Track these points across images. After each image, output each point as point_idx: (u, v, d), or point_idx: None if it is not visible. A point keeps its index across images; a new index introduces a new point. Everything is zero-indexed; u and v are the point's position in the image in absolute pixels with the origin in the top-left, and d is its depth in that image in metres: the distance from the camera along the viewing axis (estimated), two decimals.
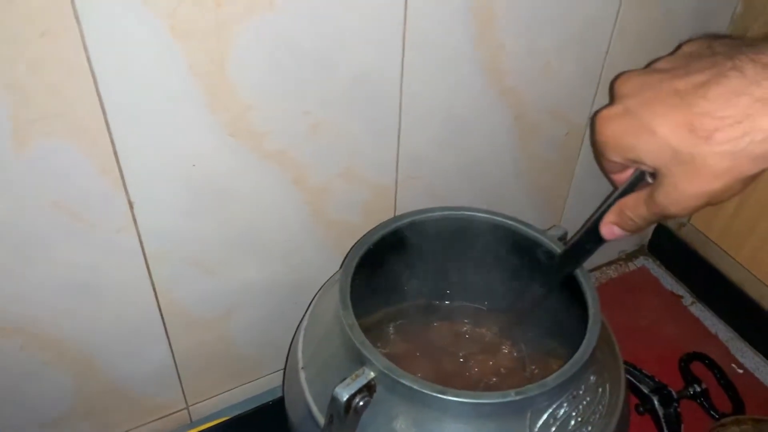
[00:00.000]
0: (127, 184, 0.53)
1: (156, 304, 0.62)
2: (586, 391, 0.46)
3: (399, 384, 0.43)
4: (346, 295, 0.49)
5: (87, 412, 0.66)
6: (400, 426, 0.44)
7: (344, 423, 0.43)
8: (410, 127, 0.64)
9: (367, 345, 0.45)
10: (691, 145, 0.36)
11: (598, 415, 0.47)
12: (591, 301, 0.50)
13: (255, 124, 0.55)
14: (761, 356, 0.87)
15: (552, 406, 0.45)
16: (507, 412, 0.44)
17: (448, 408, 0.43)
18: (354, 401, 0.43)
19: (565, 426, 0.45)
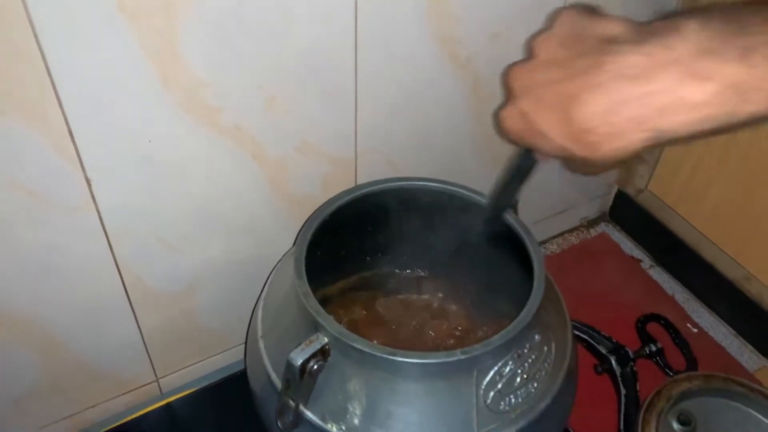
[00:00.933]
0: (84, 161, 0.53)
1: (120, 281, 0.63)
2: (531, 350, 0.48)
3: (351, 348, 0.45)
4: (301, 265, 0.50)
5: (57, 388, 0.68)
6: (353, 387, 0.46)
7: (300, 386, 0.45)
8: (367, 99, 0.65)
9: (321, 312, 0.47)
10: (582, 150, 0.39)
11: (544, 372, 0.49)
12: (536, 264, 0.52)
13: (209, 99, 0.56)
14: (716, 316, 0.90)
15: (497, 364, 0.47)
16: (454, 371, 0.46)
17: (398, 369, 0.45)
18: (308, 365, 0.44)
19: (511, 383, 0.47)
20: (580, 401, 0.75)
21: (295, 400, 0.46)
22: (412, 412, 0.46)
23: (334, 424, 0.47)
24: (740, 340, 0.87)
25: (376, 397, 0.46)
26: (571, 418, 0.74)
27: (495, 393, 0.46)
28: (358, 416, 0.46)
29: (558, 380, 0.50)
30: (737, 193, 0.83)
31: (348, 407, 0.46)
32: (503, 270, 0.60)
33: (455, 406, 0.46)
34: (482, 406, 0.46)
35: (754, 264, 0.84)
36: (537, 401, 0.48)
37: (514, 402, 0.47)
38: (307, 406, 0.47)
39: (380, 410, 0.46)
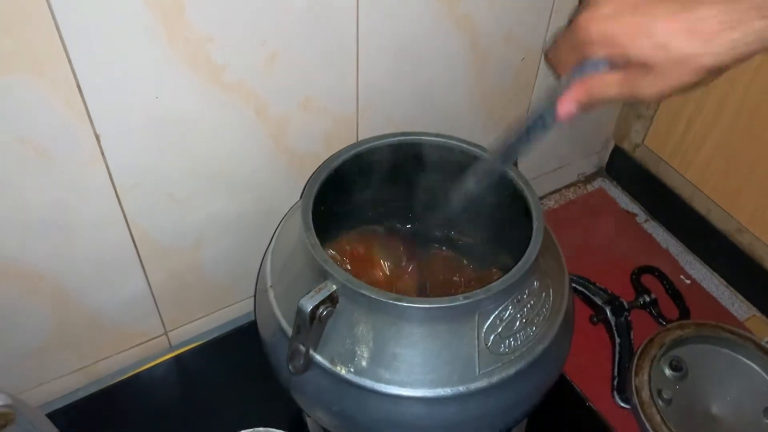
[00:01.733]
0: (93, 117, 0.54)
1: (129, 236, 0.65)
2: (530, 296, 0.51)
3: (358, 294, 0.47)
4: (308, 217, 0.52)
5: (69, 341, 0.70)
6: (360, 332, 0.48)
7: (310, 332, 0.47)
8: (368, 56, 0.66)
9: (329, 261, 0.48)
10: (688, 47, 0.39)
11: (542, 317, 0.51)
12: (535, 214, 0.53)
13: (214, 56, 0.56)
14: (708, 267, 0.92)
15: (498, 309, 0.49)
16: (457, 315, 0.48)
17: (403, 313, 0.47)
18: (318, 311, 0.46)
19: (510, 326, 0.49)
20: (576, 350, 0.78)
21: (305, 345, 0.48)
22: (416, 354, 0.48)
23: (343, 366, 0.49)
24: (731, 290, 0.90)
25: (382, 340, 0.48)
26: (567, 367, 0.76)
27: (495, 336, 0.49)
28: (365, 358, 0.48)
29: (555, 325, 0.53)
30: (730, 147, 0.85)
31: (356, 350, 0.48)
32: (503, 223, 0.61)
33: (457, 348, 0.48)
34: (483, 349, 0.48)
35: (746, 216, 0.86)
36: (535, 344, 0.51)
37: (513, 344, 0.49)
38: (316, 351, 0.49)
39: (386, 352, 0.48)
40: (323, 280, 0.48)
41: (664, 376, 0.77)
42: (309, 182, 0.55)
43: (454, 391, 0.48)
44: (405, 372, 0.48)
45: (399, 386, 0.48)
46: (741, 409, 0.75)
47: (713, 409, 0.75)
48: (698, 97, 0.86)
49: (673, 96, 0.43)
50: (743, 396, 0.76)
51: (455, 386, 0.48)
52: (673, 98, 0.89)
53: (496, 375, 0.49)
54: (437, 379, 0.48)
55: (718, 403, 0.75)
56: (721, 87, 0.82)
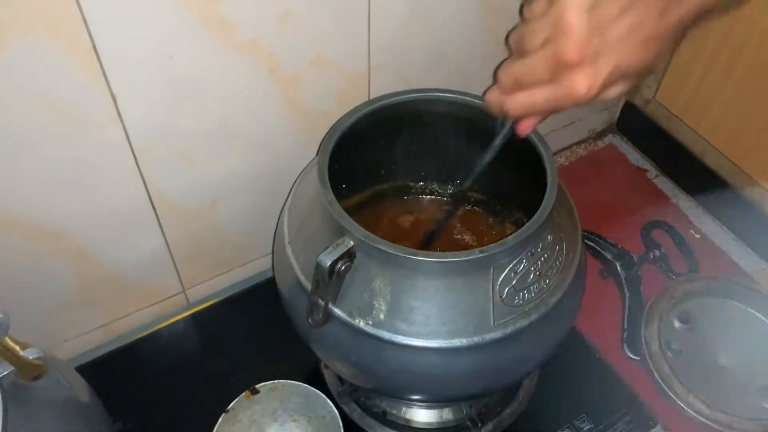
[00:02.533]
0: (109, 78, 0.55)
1: (147, 196, 0.66)
2: (543, 249, 0.51)
3: (375, 249, 0.48)
4: (324, 175, 0.52)
5: (90, 299, 0.71)
6: (377, 285, 0.50)
7: (329, 286, 0.48)
8: (380, 13, 0.65)
9: (346, 217, 0.49)
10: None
11: (555, 270, 0.52)
12: (549, 170, 0.54)
13: (226, 14, 0.56)
14: (718, 222, 0.93)
15: (512, 262, 0.50)
16: (472, 268, 0.49)
17: (419, 267, 0.48)
18: (336, 266, 0.47)
19: (524, 279, 0.50)
20: (587, 304, 0.79)
21: (324, 299, 0.49)
22: (432, 306, 0.49)
23: (361, 319, 0.50)
24: (741, 244, 0.91)
25: (399, 293, 0.49)
26: (579, 320, 0.78)
27: (510, 288, 0.50)
28: (383, 311, 0.50)
29: (568, 277, 0.54)
30: (742, 102, 0.84)
31: (373, 303, 0.50)
32: (517, 180, 0.62)
33: (472, 300, 0.49)
34: (498, 301, 0.49)
35: (757, 170, 0.86)
36: (549, 296, 0.52)
37: (527, 297, 0.50)
38: (335, 304, 0.51)
39: (403, 305, 0.49)
40: (340, 236, 0.49)
41: (673, 329, 0.78)
42: (324, 140, 0.55)
43: (470, 342, 0.49)
44: (421, 324, 0.49)
45: (416, 337, 0.49)
46: (749, 359, 0.76)
47: (721, 359, 0.76)
48: (710, 52, 0.85)
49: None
50: (752, 347, 0.77)
51: (470, 337, 0.49)
52: (685, 53, 0.89)
53: (510, 326, 0.50)
54: (453, 330, 0.49)
55: (726, 353, 0.76)
56: (733, 42, 0.82)
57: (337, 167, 0.57)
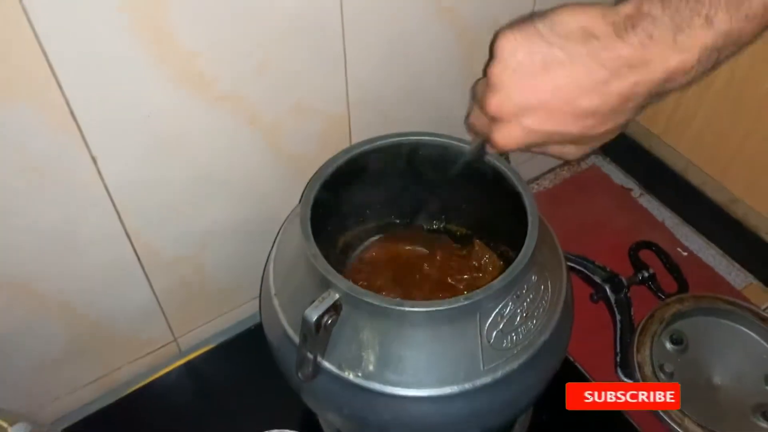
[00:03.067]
0: (88, 140, 0.55)
1: (132, 250, 0.66)
2: (529, 290, 0.52)
3: (361, 301, 0.48)
4: (307, 227, 0.52)
5: (79, 354, 0.71)
6: (366, 337, 0.50)
7: (316, 340, 0.48)
8: (356, 55, 0.66)
9: (331, 271, 0.49)
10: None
11: (542, 309, 0.52)
12: (530, 210, 0.54)
13: (203, 71, 0.57)
14: (704, 238, 0.94)
15: (498, 306, 0.50)
16: (459, 315, 0.49)
17: (407, 318, 0.48)
18: (323, 320, 0.47)
19: (512, 322, 0.50)
20: (578, 329, 0.79)
21: (312, 353, 0.49)
22: (421, 355, 0.49)
23: (351, 371, 0.50)
24: (728, 259, 0.91)
25: (387, 344, 0.49)
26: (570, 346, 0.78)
27: (497, 332, 0.50)
28: (372, 363, 0.50)
29: (555, 315, 0.54)
30: (722, 119, 0.85)
31: (362, 355, 0.50)
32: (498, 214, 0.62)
33: (461, 347, 0.49)
34: (486, 346, 0.49)
35: (739, 187, 0.87)
36: (537, 336, 0.52)
37: (515, 339, 0.51)
38: (324, 357, 0.51)
39: (392, 356, 0.49)
40: (326, 289, 0.49)
41: (665, 351, 0.79)
42: (305, 191, 0.56)
43: (461, 389, 0.49)
44: (411, 373, 0.49)
45: (406, 387, 0.49)
46: (742, 377, 0.76)
47: (715, 379, 0.76)
48: None
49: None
50: (744, 365, 0.78)
51: (461, 384, 0.49)
52: None
53: (501, 370, 0.50)
54: (443, 377, 0.49)
55: (720, 373, 0.77)
56: None
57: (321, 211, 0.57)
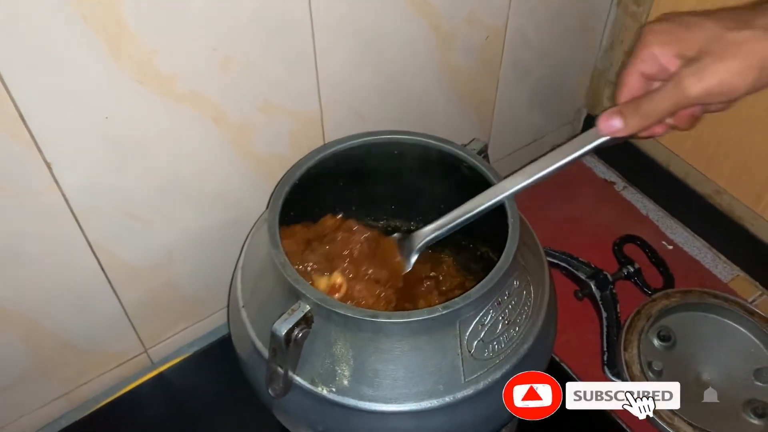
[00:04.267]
0: (41, 145, 0.52)
1: (95, 260, 0.63)
2: (510, 296, 0.49)
3: (334, 313, 0.45)
4: (275, 234, 0.50)
5: (46, 370, 0.68)
6: (339, 350, 0.47)
7: (287, 354, 0.45)
8: (325, 50, 0.63)
9: (300, 281, 0.47)
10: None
11: (525, 316, 0.50)
12: (510, 212, 0.51)
13: (162, 67, 0.54)
14: (689, 231, 0.92)
15: (479, 315, 0.47)
16: (437, 325, 0.46)
17: (381, 329, 0.46)
18: (293, 334, 0.45)
19: (493, 330, 0.48)
20: (563, 327, 0.77)
21: (283, 368, 0.46)
22: (398, 368, 0.47)
23: (324, 387, 0.47)
24: (713, 252, 0.90)
25: (362, 357, 0.47)
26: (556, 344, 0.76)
27: (478, 342, 0.47)
28: (346, 377, 0.47)
29: (539, 321, 0.51)
30: None
31: (336, 369, 0.47)
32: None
33: (440, 358, 0.47)
34: (467, 356, 0.47)
35: (723, 178, 0.85)
36: (520, 344, 0.50)
37: (497, 348, 0.48)
38: (295, 372, 0.48)
39: (367, 369, 0.47)
40: (296, 300, 0.46)
41: (653, 348, 0.77)
42: (273, 195, 0.53)
43: (441, 402, 0.47)
44: (388, 387, 0.47)
45: (383, 402, 0.47)
46: (731, 372, 0.75)
47: (704, 375, 0.75)
48: None
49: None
50: (733, 360, 0.76)
51: (441, 397, 0.47)
52: None
53: (483, 381, 0.48)
54: (423, 391, 0.47)
55: (709, 368, 0.75)
56: None
57: (292, 213, 0.54)
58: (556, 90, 0.94)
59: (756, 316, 0.77)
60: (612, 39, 0.91)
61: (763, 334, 0.76)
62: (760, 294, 0.86)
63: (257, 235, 0.56)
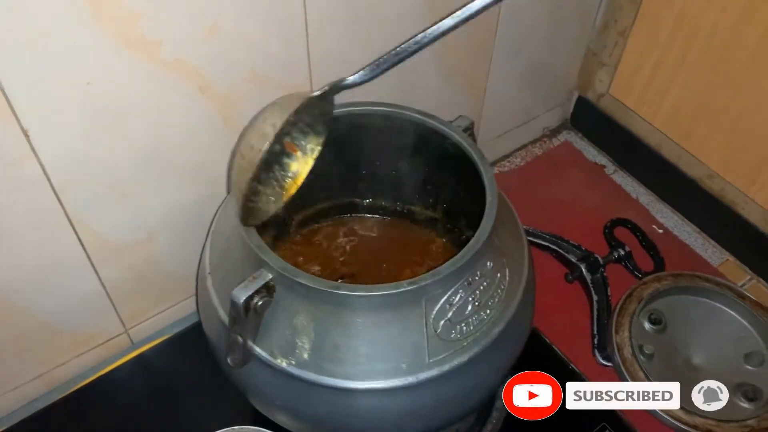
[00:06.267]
0: (17, 111, 0.49)
1: (74, 235, 0.60)
2: (482, 277, 0.47)
3: (296, 283, 0.43)
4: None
5: (21, 350, 0.65)
6: (300, 322, 0.45)
7: (246, 323, 0.44)
8: (317, 20, 0.61)
9: (263, 248, 0.45)
10: None
11: (497, 299, 0.48)
12: (489, 190, 0.49)
13: (147, 32, 0.51)
14: (679, 215, 0.91)
15: (447, 294, 0.45)
16: (402, 302, 0.44)
17: (344, 302, 0.44)
18: (252, 302, 0.43)
19: (461, 311, 0.46)
20: (553, 310, 0.76)
21: (243, 337, 0.45)
22: (360, 344, 0.45)
23: (284, 359, 0.45)
24: (704, 236, 0.89)
25: (324, 330, 0.45)
26: (546, 327, 0.75)
27: (445, 322, 0.45)
28: (307, 350, 0.45)
29: (512, 305, 0.50)
30: (698, 91, 0.82)
31: (296, 342, 0.45)
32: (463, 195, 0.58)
33: (404, 336, 0.45)
34: (432, 335, 0.45)
35: (715, 161, 0.85)
36: (490, 327, 0.48)
37: (465, 330, 0.46)
38: (255, 342, 0.46)
39: (328, 343, 0.45)
40: (259, 268, 0.44)
41: (644, 331, 0.76)
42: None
43: (403, 382, 0.45)
44: (349, 363, 0.45)
45: (343, 378, 0.45)
46: (722, 356, 0.74)
47: (695, 359, 0.74)
48: (663, 42, 0.83)
49: None
50: (723, 343, 0.75)
51: (404, 377, 0.45)
52: (638, 44, 0.87)
53: (448, 363, 0.46)
54: (384, 370, 0.45)
55: (699, 352, 0.74)
56: (685, 29, 0.80)
57: None
58: (548, 70, 0.92)
59: (747, 300, 0.76)
60: (606, 20, 0.89)
61: (754, 319, 0.75)
62: (750, 279, 0.85)
63: (229, 204, 0.54)
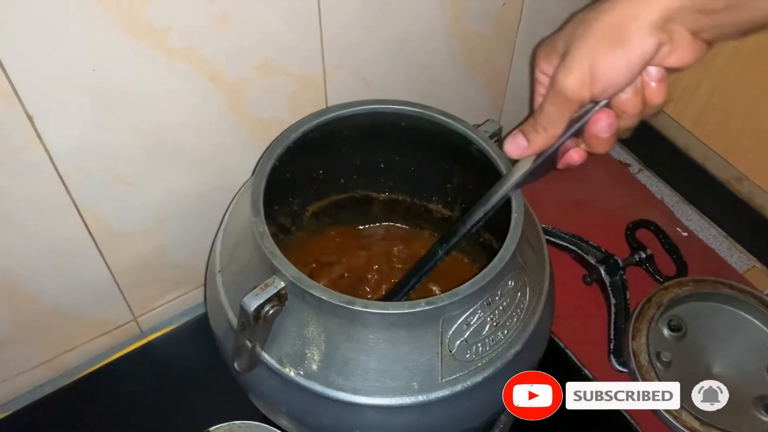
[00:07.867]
0: (22, 96, 0.48)
1: (82, 223, 0.60)
2: (502, 297, 0.45)
3: (308, 294, 0.42)
4: (258, 201, 0.46)
5: (30, 336, 0.65)
6: (311, 333, 0.44)
7: (255, 329, 0.43)
8: (331, 8, 0.59)
9: (278, 254, 0.43)
10: None
11: (516, 319, 0.46)
12: (515, 206, 0.48)
13: (154, 19, 0.50)
14: (705, 218, 0.88)
15: (465, 314, 0.44)
16: (418, 321, 0.43)
17: (357, 317, 0.42)
18: (263, 310, 0.42)
19: (479, 331, 0.44)
20: (570, 313, 0.74)
21: (251, 342, 0.44)
22: (371, 360, 0.44)
23: (292, 368, 0.44)
24: (730, 241, 0.86)
25: (335, 343, 0.44)
26: (561, 330, 0.73)
27: (461, 342, 0.44)
28: (315, 362, 0.44)
29: (530, 326, 0.48)
30: (727, 91, 0.79)
31: (306, 352, 0.44)
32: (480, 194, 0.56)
33: (418, 355, 0.43)
34: (447, 355, 0.44)
35: (744, 163, 0.81)
36: (506, 348, 0.46)
37: (481, 350, 0.45)
38: (264, 349, 0.45)
39: (338, 357, 0.44)
40: (271, 274, 0.43)
41: (662, 337, 0.73)
42: (262, 158, 0.49)
43: (413, 400, 0.44)
44: (359, 378, 0.44)
45: (351, 393, 0.44)
46: (743, 367, 0.71)
47: (714, 368, 0.71)
48: None
49: None
50: (745, 354, 0.72)
51: (414, 395, 0.44)
52: None
53: (461, 383, 0.44)
54: (395, 386, 0.44)
55: (720, 362, 0.72)
56: None
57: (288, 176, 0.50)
58: None
59: None
60: None
61: None
62: None
63: (242, 199, 0.53)
